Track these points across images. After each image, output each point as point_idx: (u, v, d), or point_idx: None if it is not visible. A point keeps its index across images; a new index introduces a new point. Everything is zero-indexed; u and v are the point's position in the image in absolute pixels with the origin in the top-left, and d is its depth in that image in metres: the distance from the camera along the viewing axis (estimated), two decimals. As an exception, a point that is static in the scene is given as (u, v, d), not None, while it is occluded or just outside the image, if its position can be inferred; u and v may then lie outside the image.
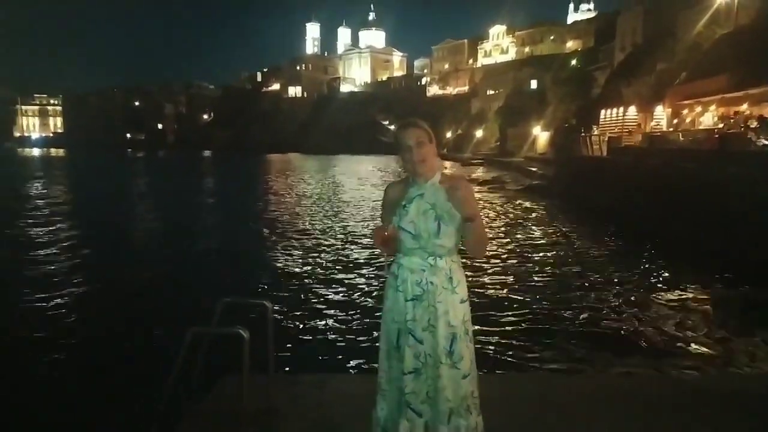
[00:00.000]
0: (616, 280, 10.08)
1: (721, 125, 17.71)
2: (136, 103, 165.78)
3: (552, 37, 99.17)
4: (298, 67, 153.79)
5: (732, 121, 17.17)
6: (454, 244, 2.30)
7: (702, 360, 6.25)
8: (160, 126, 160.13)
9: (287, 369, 5.49)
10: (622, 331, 7.18)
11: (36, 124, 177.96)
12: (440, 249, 2.27)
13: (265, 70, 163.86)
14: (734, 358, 6.30)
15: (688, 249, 11.78)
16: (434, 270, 2.27)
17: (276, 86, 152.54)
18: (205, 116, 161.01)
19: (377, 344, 2.51)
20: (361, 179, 40.18)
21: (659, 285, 9.66)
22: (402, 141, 2.28)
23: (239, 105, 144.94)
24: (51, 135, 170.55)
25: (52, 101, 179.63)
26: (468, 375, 2.30)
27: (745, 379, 4.88)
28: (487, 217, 19.00)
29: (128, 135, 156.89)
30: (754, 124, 15.22)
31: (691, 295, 8.93)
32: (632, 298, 8.80)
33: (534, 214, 19.91)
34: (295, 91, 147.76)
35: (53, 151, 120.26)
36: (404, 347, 2.29)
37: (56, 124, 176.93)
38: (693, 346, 6.67)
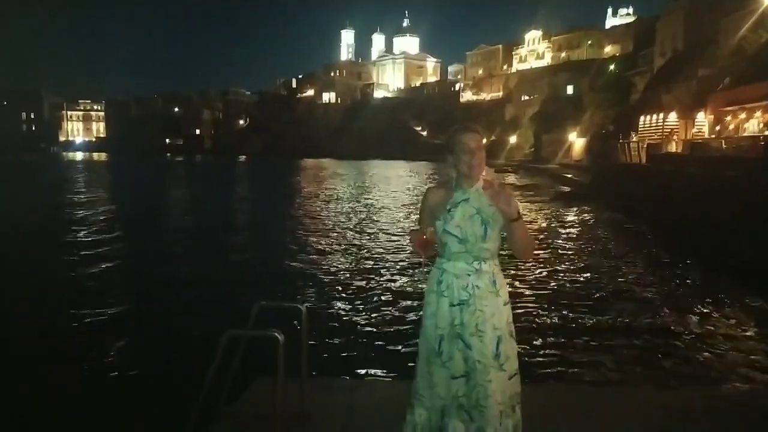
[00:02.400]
0: (653, 289, 9.81)
1: (767, 132, 17.09)
2: (175, 110, 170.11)
3: (589, 42, 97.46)
4: (332, 74, 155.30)
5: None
6: (497, 248, 2.35)
7: (738, 374, 6.02)
8: (197, 131, 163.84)
9: (320, 373, 5.53)
10: (658, 343, 6.99)
11: (80, 129, 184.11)
12: (485, 253, 2.30)
13: (300, 76, 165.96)
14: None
15: (729, 260, 11.38)
16: (479, 274, 2.30)
17: (310, 92, 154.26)
18: (241, 122, 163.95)
19: (410, 350, 2.53)
20: (394, 184, 40.23)
21: (696, 296, 9.36)
22: (463, 144, 2.30)
23: (274, 111, 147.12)
24: (94, 140, 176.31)
25: (95, 107, 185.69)
26: (514, 374, 2.33)
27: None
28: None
29: (167, 140, 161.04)
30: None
31: (729, 308, 8.63)
32: (668, 310, 8.55)
33: (569, 221, 19.56)
34: (329, 96, 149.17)
35: (95, 155, 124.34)
36: (450, 352, 2.31)
37: (99, 129, 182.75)
38: (730, 359, 6.44)
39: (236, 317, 3.36)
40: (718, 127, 22.80)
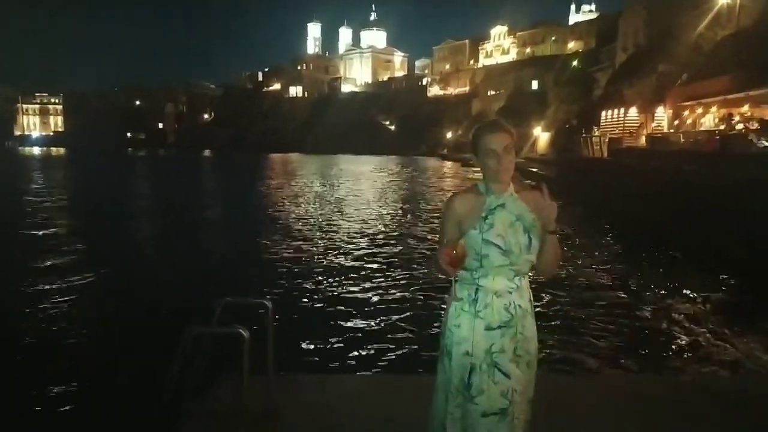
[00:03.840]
0: (619, 281, 10.06)
1: (722, 127, 17.70)
2: (137, 103, 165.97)
3: (553, 38, 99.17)
4: (299, 67, 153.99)
5: (733, 122, 17.15)
6: (535, 261, 2.07)
7: (703, 362, 6.23)
8: (160, 125, 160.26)
9: (288, 369, 5.47)
10: (626, 332, 7.16)
11: (36, 123, 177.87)
12: (527, 266, 2.04)
13: (266, 69, 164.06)
14: (737, 361, 6.28)
15: (691, 250, 11.75)
16: (521, 292, 2.03)
17: (277, 86, 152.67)
18: (206, 116, 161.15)
19: (378, 345, 2.47)
20: (362, 179, 40.17)
21: (662, 286, 9.63)
22: (486, 145, 2.02)
23: (240, 105, 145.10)
24: (51, 134, 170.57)
25: (53, 100, 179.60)
26: (532, 399, 2.09)
27: (750, 382, 4.86)
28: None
29: (128, 134, 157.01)
30: (755, 125, 15.20)
31: (694, 297, 8.91)
32: (635, 299, 8.78)
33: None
34: (296, 90, 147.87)
35: (54, 150, 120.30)
36: (481, 385, 1.98)
37: (57, 123, 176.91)
38: (695, 347, 6.65)
39: (202, 314, 3.28)
40: (676, 122, 23.51)
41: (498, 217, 2.01)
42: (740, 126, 16.30)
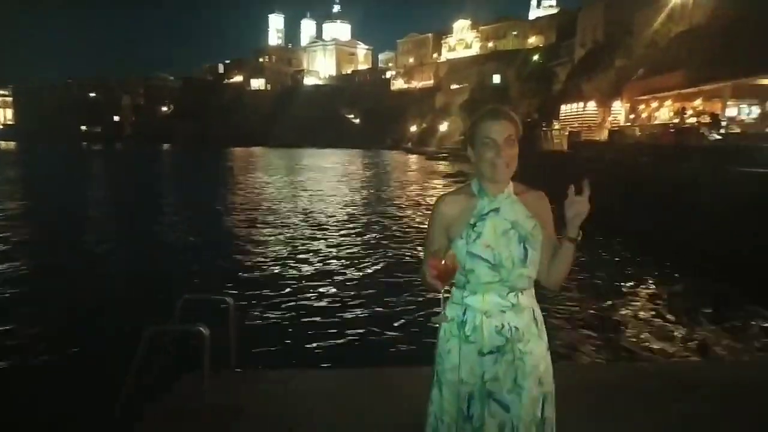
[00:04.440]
0: (581, 272, 10.30)
1: (676, 120, 18.29)
2: (92, 95, 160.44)
3: (515, 33, 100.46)
4: (261, 59, 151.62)
5: (686, 116, 17.77)
6: (535, 275, 1.79)
7: (661, 348, 6.44)
8: (116, 118, 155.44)
9: (251, 365, 5.40)
10: (586, 320, 7.34)
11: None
12: (524, 281, 1.74)
13: (227, 61, 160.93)
14: (696, 347, 6.52)
15: (648, 241, 12.13)
16: (517, 310, 1.74)
17: (239, 78, 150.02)
18: (165, 108, 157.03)
19: (341, 340, 2.41)
20: (327, 174, 39.95)
21: (621, 276, 9.92)
22: (485, 133, 1.71)
23: (201, 97, 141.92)
24: (1, 127, 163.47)
25: (1, 92, 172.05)
26: None
27: (705, 367, 5.05)
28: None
29: (83, 127, 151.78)
30: (707, 119, 15.77)
31: (650, 286, 9.21)
32: (596, 289, 9.00)
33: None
34: (258, 83, 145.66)
35: (3, 143, 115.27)
36: (483, 416, 1.73)
37: (6, 115, 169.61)
38: (654, 334, 6.88)
39: (162, 312, 3.21)
40: (633, 116, 24.20)
41: (489, 225, 1.72)
42: (693, 120, 16.89)
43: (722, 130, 14.70)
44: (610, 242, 12.38)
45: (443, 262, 1.63)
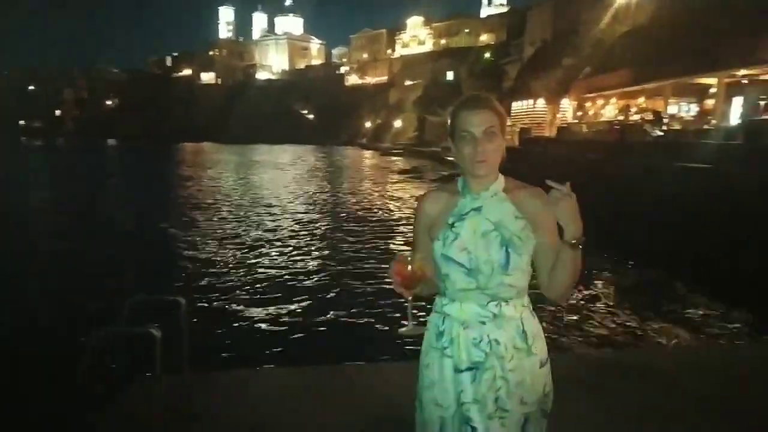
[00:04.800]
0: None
1: (621, 117, 18.99)
2: (31, 87, 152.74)
3: (467, 30, 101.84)
4: (211, 53, 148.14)
5: (626, 112, 18.48)
6: (526, 283, 1.57)
7: (606, 338, 6.68)
8: (58, 112, 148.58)
9: (206, 367, 5.27)
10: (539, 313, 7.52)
11: None
12: (508, 290, 1.53)
13: (175, 54, 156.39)
14: (639, 336, 6.80)
15: (595, 235, 12.53)
16: (500, 322, 1.53)
17: (188, 72, 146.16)
18: (110, 102, 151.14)
19: (298, 335, 2.36)
20: (279, 169, 39.45)
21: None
22: (462, 125, 1.52)
23: (148, 91, 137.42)
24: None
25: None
26: None
27: (649, 355, 5.26)
28: (406, 206, 19.24)
29: (21, 122, 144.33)
30: (649, 116, 16.44)
31: (597, 278, 9.53)
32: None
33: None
34: (208, 77, 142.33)
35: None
36: None
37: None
38: (598, 324, 7.12)
39: (113, 315, 3.08)
40: (580, 113, 24.98)
41: (468, 225, 1.53)
42: (637, 117, 17.57)
43: (664, 127, 15.35)
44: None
45: (409, 267, 1.50)
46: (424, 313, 1.78)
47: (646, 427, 2.84)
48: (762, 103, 12.69)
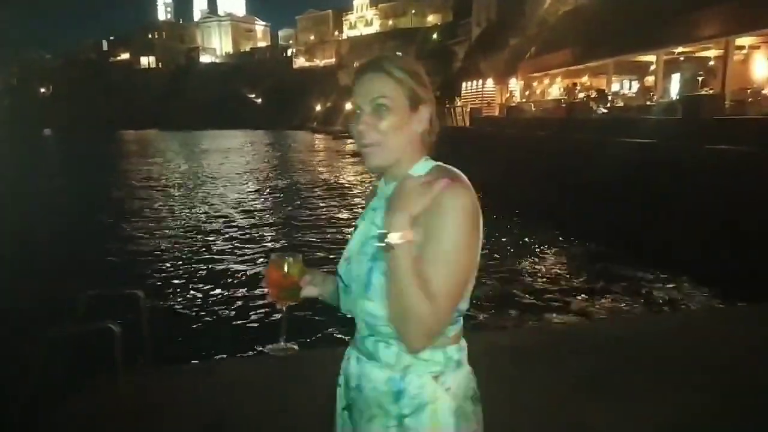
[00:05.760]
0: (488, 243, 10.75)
1: (566, 96, 19.46)
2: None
3: (413, 11, 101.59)
4: (150, 35, 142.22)
5: (571, 91, 18.96)
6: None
7: (560, 309, 6.92)
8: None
9: (168, 360, 5.14)
10: (494, 291, 7.70)
11: None
12: (379, 324, 1.08)
13: (111, 38, 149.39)
14: (589, 307, 7.06)
15: (546, 212, 12.89)
16: (372, 364, 1.12)
17: (126, 56, 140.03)
18: (44, 90, 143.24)
19: (255, 326, 2.31)
20: (228, 156, 38.57)
21: (523, 245, 10.48)
22: (352, 98, 1.15)
23: (84, 77, 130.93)
24: None
25: None
26: None
27: (602, 326, 5.48)
28: (357, 188, 19.18)
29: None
30: (593, 94, 16.91)
31: (550, 252, 9.82)
32: (500, 258, 9.46)
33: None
34: (148, 61, 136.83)
35: None
36: None
37: None
38: (554, 298, 7.36)
39: (63, 310, 2.95)
40: (527, 92, 25.42)
41: (360, 228, 1.20)
42: (582, 95, 18.04)
43: (608, 105, 15.83)
44: (508, 213, 13.05)
45: (282, 272, 1.21)
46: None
47: (606, 396, 2.94)
48: (699, 78, 13.25)
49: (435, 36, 68.52)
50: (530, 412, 2.77)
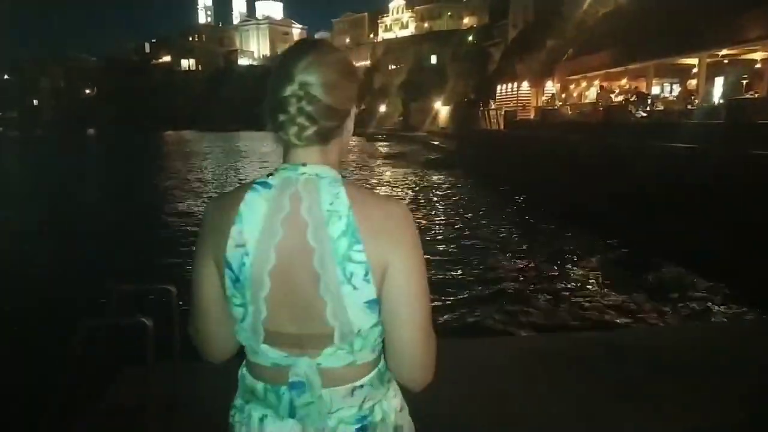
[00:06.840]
0: (518, 245, 10.60)
1: (600, 99, 19.04)
2: (6, 77, 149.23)
3: (449, 13, 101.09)
4: (190, 38, 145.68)
5: (609, 94, 18.52)
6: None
7: (595, 317, 6.75)
8: (35, 102, 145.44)
9: (197, 357, 5.22)
10: (525, 294, 7.58)
11: None
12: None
13: (153, 41, 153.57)
14: (623, 315, 6.88)
15: (582, 215, 12.64)
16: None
17: (167, 58, 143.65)
18: (88, 91, 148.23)
19: None
20: (266, 157, 39.12)
21: (556, 249, 10.29)
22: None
23: (127, 79, 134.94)
24: None
25: None
26: None
27: (636, 334, 5.33)
28: (395, 190, 19.18)
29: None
30: (633, 97, 16.50)
31: (588, 257, 9.61)
32: (529, 260, 9.31)
33: (438, 185, 20.42)
34: (188, 63, 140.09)
35: None
36: None
37: None
38: (588, 304, 7.20)
39: (101, 304, 3.03)
40: (564, 95, 24.98)
41: None
42: (620, 98, 17.63)
43: (648, 108, 15.41)
44: (545, 215, 12.83)
45: None
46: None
47: (636, 403, 2.87)
48: (743, 82, 12.79)
49: (471, 38, 67.94)
50: (560, 417, 2.72)
